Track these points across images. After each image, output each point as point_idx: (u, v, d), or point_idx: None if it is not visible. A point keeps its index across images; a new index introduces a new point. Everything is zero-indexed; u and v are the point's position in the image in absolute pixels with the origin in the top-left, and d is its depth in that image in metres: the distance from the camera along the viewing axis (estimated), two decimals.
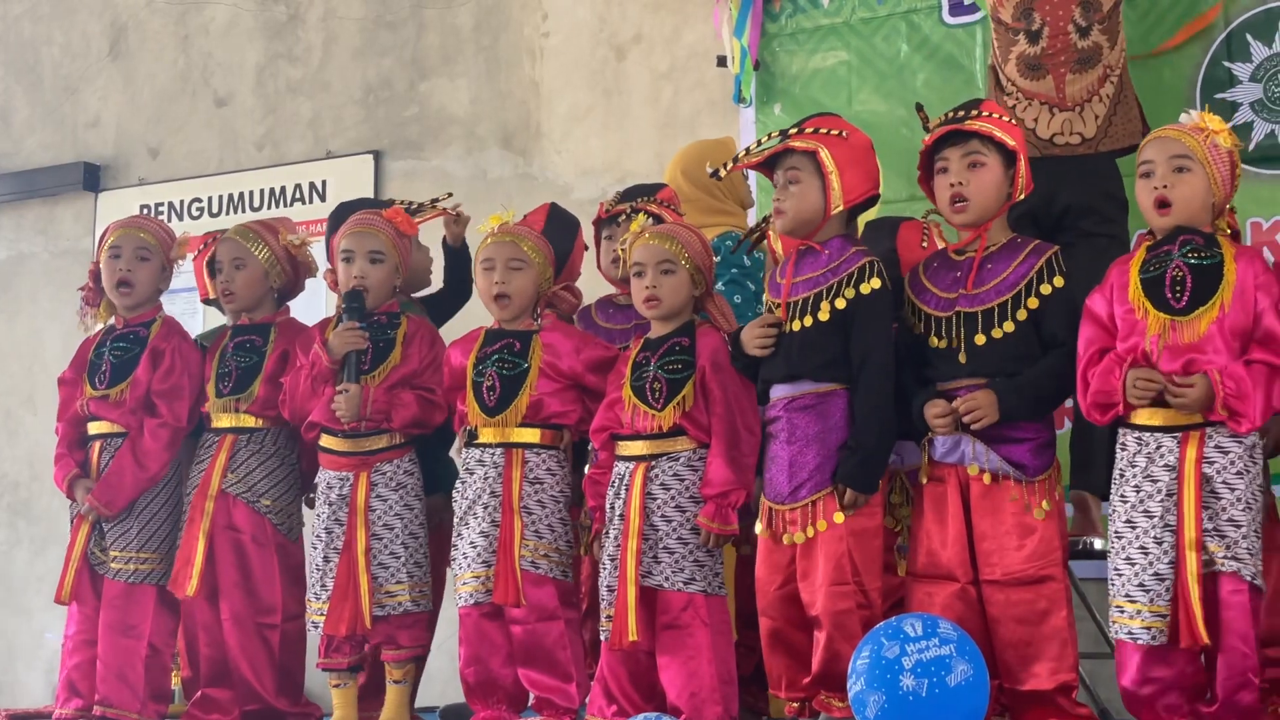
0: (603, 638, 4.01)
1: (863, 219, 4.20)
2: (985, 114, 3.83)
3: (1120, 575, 3.54)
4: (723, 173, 4.10)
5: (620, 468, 4.05)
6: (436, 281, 5.03)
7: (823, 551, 3.77)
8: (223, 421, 4.68)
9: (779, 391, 3.91)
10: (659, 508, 3.96)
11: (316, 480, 4.53)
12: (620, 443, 4.07)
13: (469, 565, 4.22)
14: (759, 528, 3.91)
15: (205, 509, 4.60)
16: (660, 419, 3.98)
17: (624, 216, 4.47)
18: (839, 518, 3.77)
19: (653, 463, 3.99)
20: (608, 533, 4.04)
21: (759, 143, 3.99)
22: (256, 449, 4.67)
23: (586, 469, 4.25)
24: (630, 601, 3.91)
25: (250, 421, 4.67)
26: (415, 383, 4.46)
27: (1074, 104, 4.65)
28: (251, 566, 4.61)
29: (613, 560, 3.99)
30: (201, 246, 4.97)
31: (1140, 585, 3.49)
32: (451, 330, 4.67)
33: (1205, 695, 3.56)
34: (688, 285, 4.06)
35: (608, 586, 4.00)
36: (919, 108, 3.98)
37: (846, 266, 3.86)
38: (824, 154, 3.85)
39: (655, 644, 3.97)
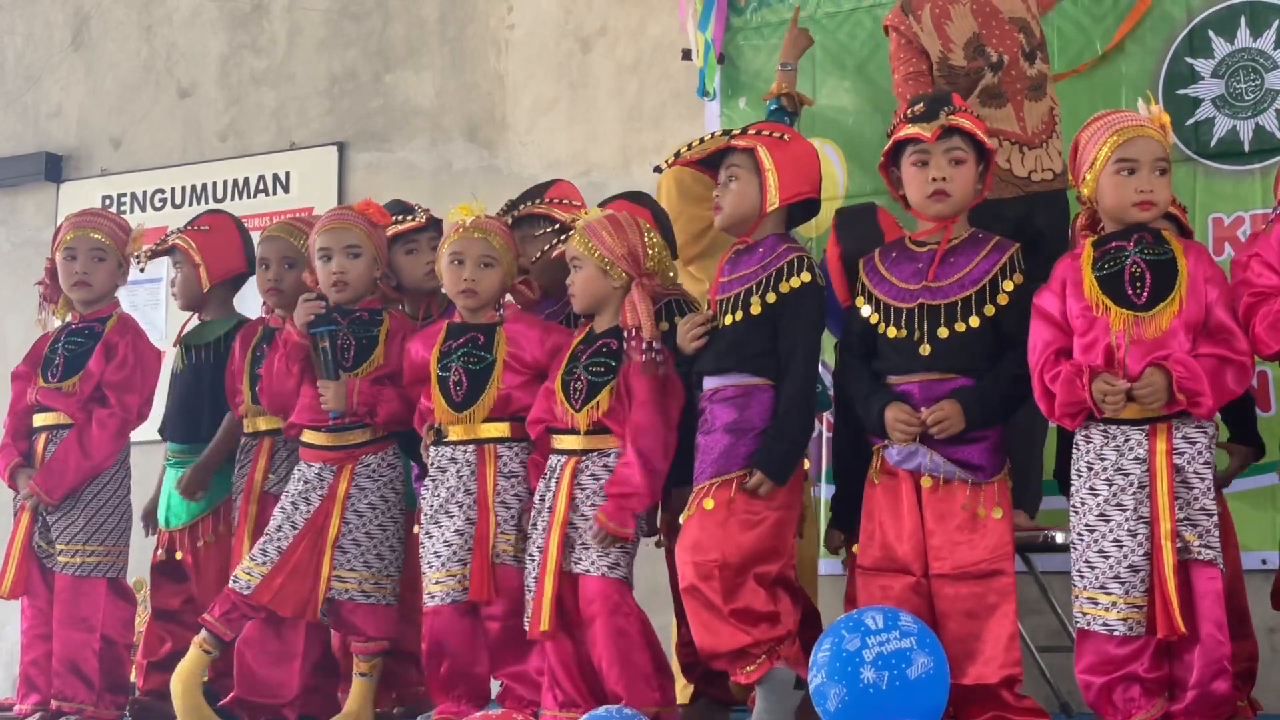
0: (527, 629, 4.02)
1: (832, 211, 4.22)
2: (960, 109, 3.86)
3: (1094, 568, 3.55)
4: (664, 167, 4.20)
5: (553, 460, 4.08)
6: None
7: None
8: (259, 425, 4.63)
9: (708, 384, 3.95)
10: (587, 498, 3.98)
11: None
12: (555, 436, 4.09)
13: (444, 564, 4.18)
14: (684, 517, 3.91)
15: (249, 513, 4.55)
16: (576, 419, 4.01)
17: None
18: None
19: (583, 458, 4.02)
20: (535, 525, 4.05)
21: (701, 140, 4.04)
22: (296, 448, 4.57)
23: None
24: (547, 592, 3.93)
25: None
26: (398, 381, 4.42)
27: (1037, 138, 4.65)
28: None
29: (540, 551, 4.01)
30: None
31: (1116, 578, 3.51)
32: None
33: (1165, 692, 3.56)
34: (597, 279, 4.06)
35: (534, 578, 4.01)
36: (912, 102, 3.93)
37: (776, 262, 3.90)
38: (761, 151, 3.91)
39: (586, 634, 3.98)
